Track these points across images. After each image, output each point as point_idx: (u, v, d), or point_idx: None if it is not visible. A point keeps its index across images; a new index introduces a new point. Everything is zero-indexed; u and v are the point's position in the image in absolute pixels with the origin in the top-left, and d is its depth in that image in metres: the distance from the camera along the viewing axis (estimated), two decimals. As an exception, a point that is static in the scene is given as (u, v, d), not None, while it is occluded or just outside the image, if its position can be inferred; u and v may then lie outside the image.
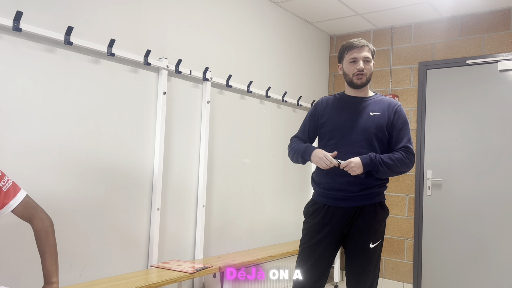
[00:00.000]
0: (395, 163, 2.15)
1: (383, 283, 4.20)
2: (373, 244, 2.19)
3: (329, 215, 2.20)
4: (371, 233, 2.18)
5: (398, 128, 2.22)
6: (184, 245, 3.05)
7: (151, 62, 2.75)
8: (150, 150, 2.80)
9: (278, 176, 3.91)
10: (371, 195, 2.19)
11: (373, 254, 2.20)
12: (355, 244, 2.20)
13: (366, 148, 2.17)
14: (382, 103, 2.26)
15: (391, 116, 2.22)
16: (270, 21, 3.84)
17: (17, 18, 2.10)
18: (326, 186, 2.23)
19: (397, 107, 2.25)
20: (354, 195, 2.17)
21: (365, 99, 2.28)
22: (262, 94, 3.69)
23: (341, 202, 2.19)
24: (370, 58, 2.23)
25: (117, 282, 2.39)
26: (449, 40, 4.00)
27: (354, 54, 2.22)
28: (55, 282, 1.68)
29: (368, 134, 2.18)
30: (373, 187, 2.19)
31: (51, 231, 1.70)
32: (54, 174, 2.30)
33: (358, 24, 4.29)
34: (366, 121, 2.20)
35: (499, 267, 3.65)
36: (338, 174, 2.19)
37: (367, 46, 2.24)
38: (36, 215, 1.69)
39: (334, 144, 2.23)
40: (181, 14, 3.01)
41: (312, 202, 2.31)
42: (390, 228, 4.19)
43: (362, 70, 2.20)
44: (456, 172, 3.89)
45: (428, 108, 4.08)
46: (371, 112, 2.22)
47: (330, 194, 2.22)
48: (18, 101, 2.16)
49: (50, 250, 1.68)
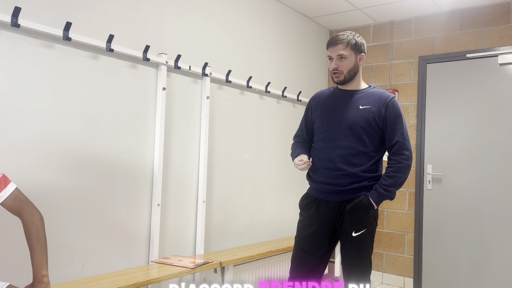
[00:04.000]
0: (395, 177, 2.16)
1: (384, 277, 4.21)
2: (356, 233, 2.16)
3: (321, 209, 2.22)
4: (354, 221, 2.16)
5: (391, 122, 2.19)
6: (185, 240, 3.05)
7: (150, 58, 2.74)
8: (150, 146, 2.80)
9: (278, 171, 3.91)
10: (361, 189, 2.18)
11: (357, 244, 2.17)
12: (341, 234, 2.21)
13: (355, 142, 2.17)
14: (373, 96, 2.23)
15: (382, 110, 2.18)
16: (269, 16, 3.83)
17: (15, 14, 2.09)
18: (318, 180, 2.24)
19: (389, 101, 2.20)
20: (344, 189, 2.17)
21: (356, 92, 2.26)
22: (262, 89, 3.68)
23: (331, 195, 2.20)
24: (346, 54, 2.17)
25: (118, 277, 2.39)
26: (449, 34, 3.99)
27: (329, 52, 2.23)
28: (45, 275, 1.63)
29: (356, 128, 2.17)
30: (363, 181, 2.18)
31: (41, 225, 1.67)
32: (54, 170, 2.30)
33: (358, 18, 4.27)
34: (355, 115, 2.19)
35: (499, 261, 3.65)
36: (328, 168, 2.20)
37: (342, 43, 2.17)
38: (26, 209, 1.67)
39: (324, 139, 2.24)
40: (180, 9, 3.00)
41: (306, 196, 2.33)
42: (390, 222, 4.20)
43: (335, 69, 2.20)
44: (456, 167, 3.89)
45: (428, 102, 4.07)
46: (361, 105, 2.20)
47: (321, 188, 2.23)
48: (17, 97, 2.16)
49: (40, 243, 1.64)
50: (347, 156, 2.17)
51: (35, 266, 1.63)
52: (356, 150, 2.18)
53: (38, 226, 1.66)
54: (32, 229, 1.65)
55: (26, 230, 1.66)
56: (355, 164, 2.17)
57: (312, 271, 2.22)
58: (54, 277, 2.26)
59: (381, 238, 4.24)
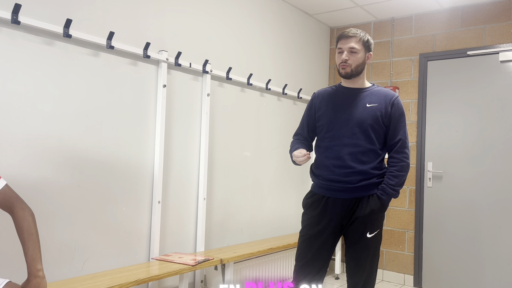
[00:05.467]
0: (400, 176, 2.19)
1: (384, 274, 4.21)
2: (370, 234, 2.19)
3: (328, 207, 2.21)
4: (368, 222, 2.19)
5: (395, 120, 2.21)
6: (186, 237, 3.06)
7: (150, 55, 2.74)
8: (151, 143, 2.80)
9: (279, 168, 3.91)
10: (370, 186, 2.19)
11: (371, 244, 2.20)
12: (353, 234, 2.21)
13: (363, 139, 2.18)
14: (379, 94, 2.24)
15: (388, 108, 2.21)
16: (270, 13, 3.82)
17: (15, 11, 2.09)
18: (325, 178, 2.23)
19: (394, 99, 2.23)
20: (353, 187, 2.17)
21: (361, 90, 2.27)
22: (262, 86, 3.68)
23: (340, 193, 2.19)
24: (358, 49, 2.19)
25: (118, 274, 2.40)
26: (450, 31, 3.98)
27: (340, 44, 2.23)
28: (40, 269, 1.62)
29: (365, 125, 2.18)
30: (371, 178, 2.18)
31: (32, 220, 1.66)
32: (54, 167, 2.30)
33: (358, 15, 4.26)
34: (362, 113, 2.20)
35: (499, 257, 3.65)
36: (337, 166, 2.19)
37: (356, 37, 2.20)
38: (16, 205, 1.67)
39: (331, 137, 2.23)
40: (180, 6, 2.99)
41: (311, 194, 2.31)
42: (390, 220, 4.20)
43: (345, 61, 2.20)
44: (457, 164, 3.89)
45: (428, 100, 4.06)
46: (368, 103, 2.21)
47: (329, 186, 2.22)
48: (17, 94, 2.15)
49: (32, 238, 1.64)
50: (356, 154, 2.18)
51: (29, 261, 1.62)
52: (365, 148, 2.18)
53: (29, 221, 1.65)
54: (23, 224, 1.64)
55: (17, 226, 1.65)
56: (364, 161, 2.17)
57: (319, 272, 2.21)
58: (55, 274, 2.27)
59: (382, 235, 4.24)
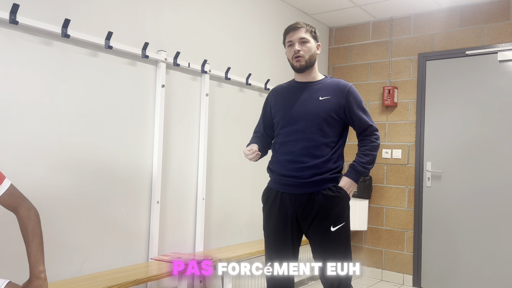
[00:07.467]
0: (371, 155, 2.20)
1: (383, 274, 4.21)
2: (334, 227, 2.14)
3: (283, 202, 2.19)
4: (331, 216, 2.14)
5: (355, 110, 2.20)
6: (184, 238, 3.06)
7: (149, 55, 2.74)
8: (149, 143, 2.80)
9: (278, 168, 3.90)
10: (323, 181, 2.15)
11: (337, 237, 2.15)
12: (316, 232, 2.17)
13: (317, 133, 2.16)
14: (332, 86, 2.23)
15: (342, 100, 2.19)
16: (269, 13, 3.82)
17: (13, 11, 2.08)
18: (279, 173, 2.22)
19: (347, 90, 2.21)
20: (306, 182, 2.14)
21: (314, 84, 2.25)
22: (261, 86, 3.68)
23: (293, 188, 2.17)
24: (307, 38, 2.20)
25: (117, 275, 2.39)
26: (449, 31, 3.98)
27: (289, 37, 2.24)
28: (42, 271, 1.62)
29: (318, 119, 2.16)
30: (325, 173, 2.15)
31: (37, 221, 1.66)
32: (53, 168, 2.29)
33: (357, 15, 4.27)
34: (315, 107, 2.18)
35: (498, 257, 3.65)
36: (289, 161, 2.18)
37: (304, 27, 2.22)
38: (22, 204, 1.66)
39: (285, 132, 2.22)
40: (179, 6, 2.99)
41: (267, 189, 2.30)
42: (389, 219, 4.20)
43: (298, 52, 2.19)
44: (456, 164, 3.89)
45: (427, 99, 4.07)
46: (321, 96, 2.20)
47: (283, 181, 2.20)
48: (15, 94, 2.15)
49: (37, 239, 1.63)
50: (309, 148, 2.16)
51: (32, 262, 1.62)
52: (318, 142, 2.16)
53: (34, 221, 1.65)
54: (28, 224, 1.64)
55: (22, 226, 1.65)
56: (317, 155, 2.15)
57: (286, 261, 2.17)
58: (54, 274, 2.26)
59: (381, 235, 4.25)
